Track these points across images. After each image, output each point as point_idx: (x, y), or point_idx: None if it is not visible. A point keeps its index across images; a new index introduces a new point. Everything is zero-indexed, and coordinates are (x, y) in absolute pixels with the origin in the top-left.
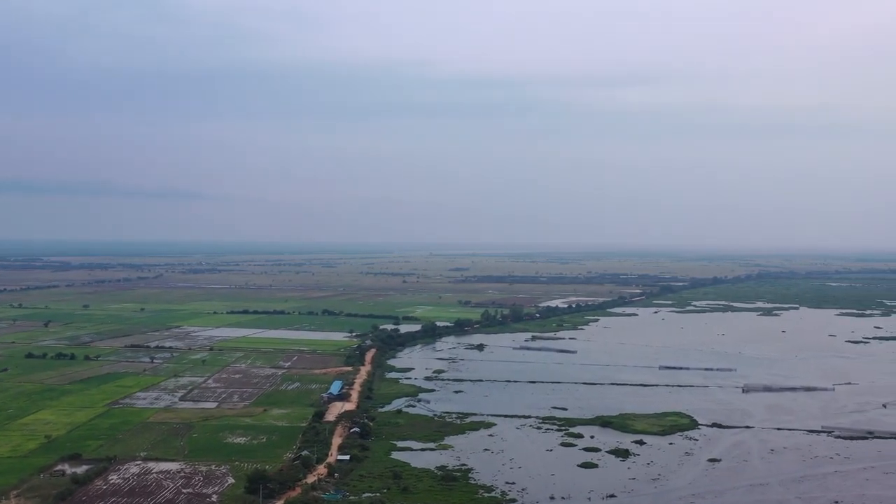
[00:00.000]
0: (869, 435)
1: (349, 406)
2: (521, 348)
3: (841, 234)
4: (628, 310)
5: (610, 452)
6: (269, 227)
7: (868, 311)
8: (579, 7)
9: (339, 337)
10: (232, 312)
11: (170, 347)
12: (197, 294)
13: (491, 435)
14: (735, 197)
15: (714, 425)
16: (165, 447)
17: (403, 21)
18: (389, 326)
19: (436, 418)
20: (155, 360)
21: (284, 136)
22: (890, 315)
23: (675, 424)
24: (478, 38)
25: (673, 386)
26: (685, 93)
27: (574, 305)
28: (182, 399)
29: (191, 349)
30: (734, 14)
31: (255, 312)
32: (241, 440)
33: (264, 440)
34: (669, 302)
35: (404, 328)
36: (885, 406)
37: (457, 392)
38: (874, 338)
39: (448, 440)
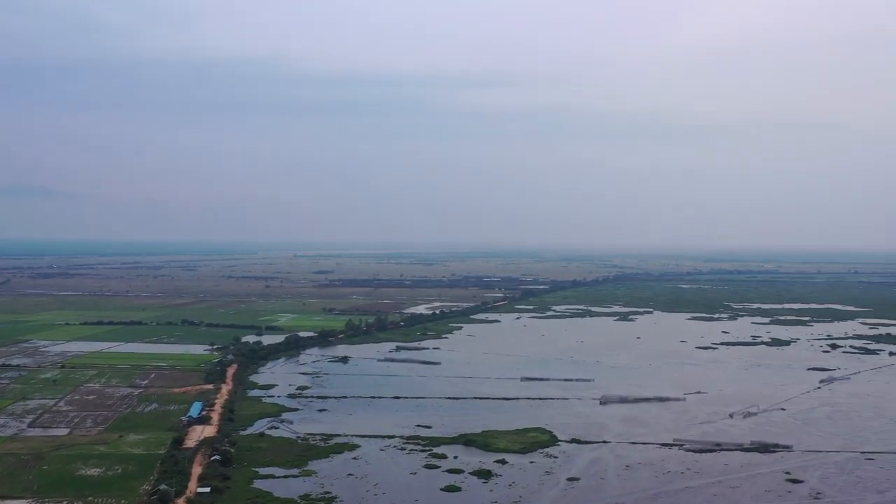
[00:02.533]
0: (717, 447)
1: (210, 430)
2: (386, 360)
3: (696, 233)
4: (491, 316)
5: (473, 474)
6: (127, 226)
7: (716, 315)
8: (444, 10)
9: (199, 350)
10: (85, 324)
11: (17, 365)
12: (47, 302)
13: (355, 458)
14: (596, 197)
15: (573, 441)
16: (12, 483)
17: (269, 17)
18: (252, 338)
19: (299, 441)
20: (0, 381)
21: (145, 132)
22: (736, 319)
23: (536, 441)
24: (345, 37)
25: (534, 399)
26: (551, 95)
27: (438, 312)
28: (31, 425)
29: (41, 367)
30: (601, 19)
31: (111, 323)
32: (95, 472)
33: (120, 471)
34: (531, 307)
35: (267, 339)
36: (731, 416)
37: (321, 411)
38: (721, 343)
39: (312, 465)
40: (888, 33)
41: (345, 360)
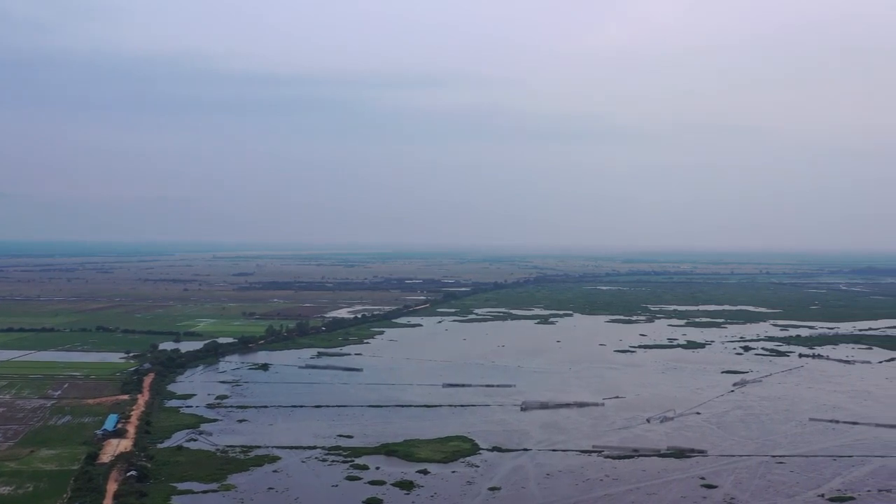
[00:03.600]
0: (634, 453)
1: (126, 444)
2: (307, 367)
3: (611, 234)
4: (413, 320)
5: (395, 485)
6: (40, 226)
7: (634, 318)
8: (359, 8)
9: (114, 358)
10: None
11: None
12: None
13: (276, 471)
14: (511, 197)
15: (494, 449)
16: None
17: (184, 15)
18: (170, 345)
19: (219, 453)
20: None
21: (56, 130)
22: (653, 321)
23: (458, 450)
24: (259, 35)
25: (456, 406)
26: (467, 96)
27: (361, 316)
28: None
29: None
30: (512, 22)
31: (21, 330)
32: (4, 490)
33: (31, 489)
34: (453, 310)
35: (186, 346)
36: (648, 421)
37: (241, 421)
38: (639, 346)
39: (232, 479)
40: (801, 35)
41: (265, 367)
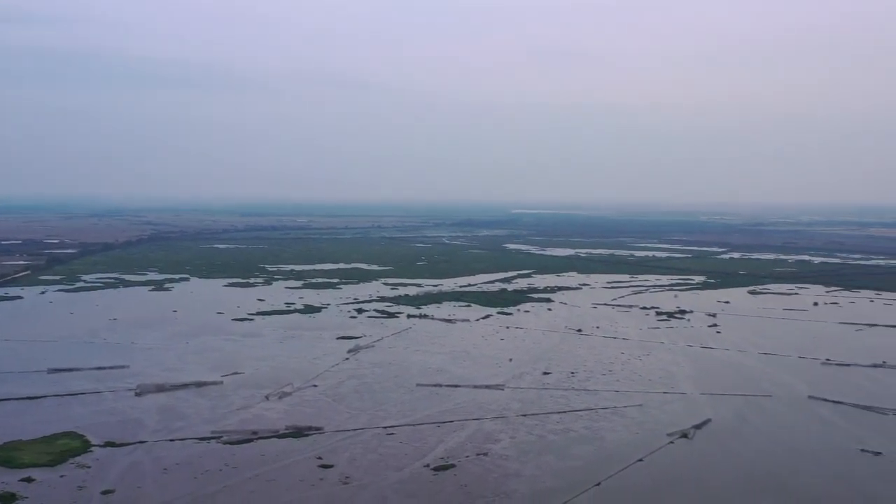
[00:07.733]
0: (253, 436)
1: None
2: None
3: (223, 183)
4: (12, 291)
5: None
6: None
7: (252, 280)
8: None
9: None
10: None
11: None
12: None
13: None
14: (116, 145)
15: (107, 444)
16: None
17: None
18: None
19: None
20: None
21: None
22: (271, 283)
23: (67, 449)
24: None
25: (63, 395)
26: (71, 37)
27: None
28: None
29: None
30: None
31: None
32: None
33: None
34: (58, 277)
35: None
36: (267, 398)
37: None
38: (257, 313)
39: None
40: None
41: None
